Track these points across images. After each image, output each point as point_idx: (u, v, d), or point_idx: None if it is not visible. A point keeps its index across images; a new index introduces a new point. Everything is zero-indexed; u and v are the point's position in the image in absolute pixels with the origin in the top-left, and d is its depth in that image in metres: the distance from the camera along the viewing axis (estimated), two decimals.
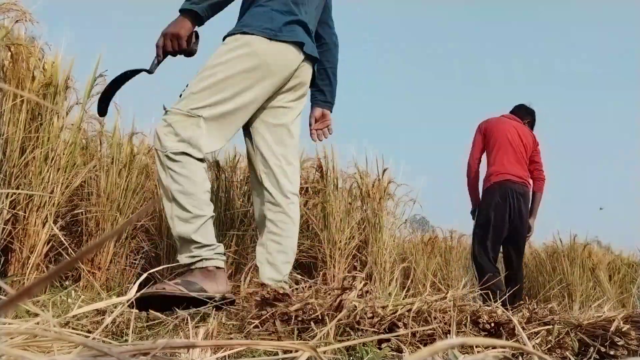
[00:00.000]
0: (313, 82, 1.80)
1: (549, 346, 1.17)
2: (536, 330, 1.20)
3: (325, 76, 1.93)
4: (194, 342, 0.41)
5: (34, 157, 1.95)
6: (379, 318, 1.13)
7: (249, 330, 1.12)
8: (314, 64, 1.75)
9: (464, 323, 1.20)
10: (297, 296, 1.19)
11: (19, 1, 1.99)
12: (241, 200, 2.60)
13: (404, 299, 1.29)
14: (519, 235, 3.23)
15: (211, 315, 1.33)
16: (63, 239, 1.99)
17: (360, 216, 3.13)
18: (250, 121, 1.69)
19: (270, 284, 1.41)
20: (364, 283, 1.20)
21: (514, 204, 3.14)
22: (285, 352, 0.71)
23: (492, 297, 2.32)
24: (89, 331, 1.07)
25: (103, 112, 1.68)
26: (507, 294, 2.17)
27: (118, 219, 2.31)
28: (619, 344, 1.21)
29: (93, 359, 0.41)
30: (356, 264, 3.01)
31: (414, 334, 1.11)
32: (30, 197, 1.86)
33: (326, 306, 1.15)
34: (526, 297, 4.48)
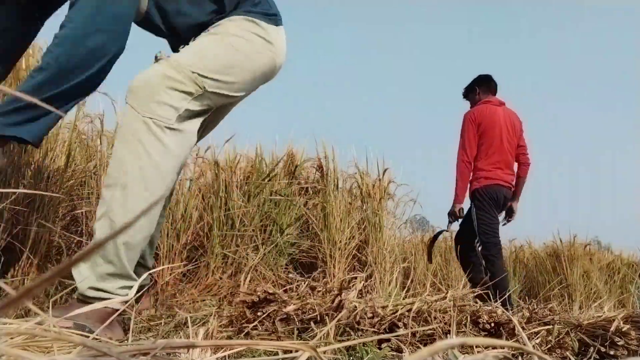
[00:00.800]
0: None
1: (549, 346, 1.17)
2: (536, 330, 1.20)
3: None
4: (194, 342, 0.41)
5: (33, 157, 1.95)
6: (379, 318, 1.13)
7: (249, 330, 1.12)
8: None
9: (464, 323, 1.20)
10: (291, 296, 1.19)
11: None
12: (241, 200, 2.59)
13: (404, 299, 1.29)
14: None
15: (211, 315, 1.33)
16: (63, 240, 1.99)
17: (361, 216, 3.12)
18: None
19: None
20: (363, 283, 1.20)
21: (500, 210, 3.16)
22: (285, 352, 0.71)
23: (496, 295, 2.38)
24: (89, 331, 1.07)
25: None
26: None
27: None
28: (619, 344, 1.21)
29: (93, 359, 0.41)
30: (356, 264, 3.00)
31: (414, 334, 1.11)
32: (30, 197, 1.86)
33: (326, 306, 1.15)
34: (526, 297, 4.49)
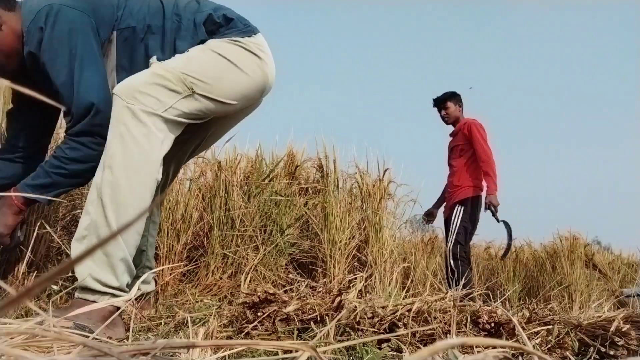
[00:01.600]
0: None
1: (549, 346, 1.17)
2: (536, 330, 1.20)
3: None
4: (194, 342, 0.41)
5: None
6: (379, 318, 1.13)
7: (249, 330, 1.12)
8: None
9: (464, 323, 1.20)
10: (291, 296, 1.19)
11: None
12: (241, 200, 2.59)
13: (404, 299, 1.29)
14: None
15: (211, 315, 1.33)
16: (63, 240, 1.99)
17: (361, 216, 3.12)
18: None
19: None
20: (363, 283, 1.20)
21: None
22: (285, 352, 0.71)
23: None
24: (89, 331, 1.07)
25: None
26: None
27: None
28: (619, 344, 1.21)
29: (93, 359, 0.41)
30: (356, 264, 3.00)
31: (414, 334, 1.11)
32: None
33: (326, 306, 1.15)
34: (526, 297, 4.49)
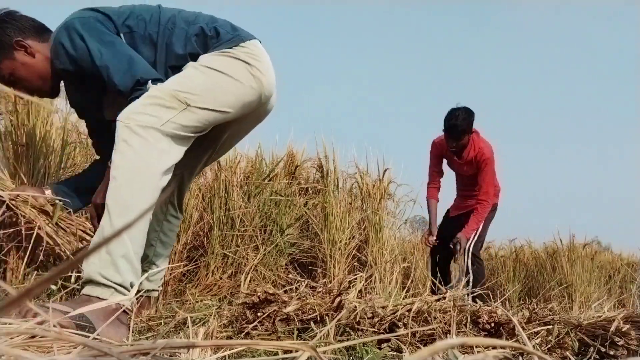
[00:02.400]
0: None
1: (549, 346, 1.17)
2: (536, 330, 1.20)
3: None
4: (194, 342, 0.41)
5: (33, 156, 1.94)
6: (379, 318, 1.13)
7: (249, 330, 1.12)
8: None
9: (464, 323, 1.20)
10: (291, 296, 1.19)
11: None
12: (241, 200, 2.59)
13: (404, 299, 1.29)
14: None
15: (211, 315, 1.33)
16: (63, 240, 1.99)
17: (361, 216, 3.12)
18: None
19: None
20: (364, 283, 1.20)
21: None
22: (285, 352, 0.71)
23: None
24: (91, 329, 1.07)
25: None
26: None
27: None
28: (619, 344, 1.21)
29: (93, 359, 0.41)
30: (356, 264, 3.00)
31: (414, 334, 1.11)
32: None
33: (326, 306, 1.15)
34: (526, 297, 4.49)
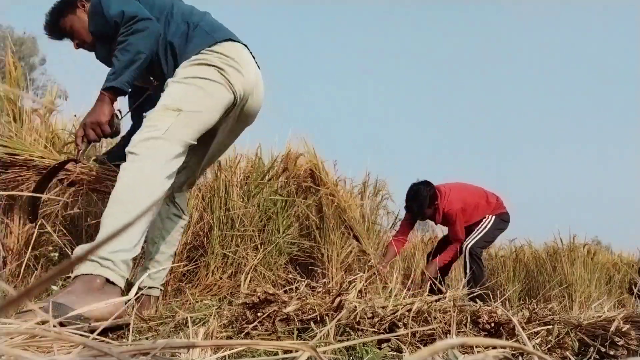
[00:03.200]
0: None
1: (549, 346, 1.17)
2: (536, 330, 1.20)
3: None
4: (194, 342, 0.41)
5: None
6: (379, 318, 1.13)
7: (249, 330, 1.12)
8: None
9: (464, 323, 1.20)
10: (291, 296, 1.19)
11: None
12: (241, 200, 2.59)
13: (404, 299, 1.29)
14: None
15: (211, 315, 1.33)
16: (62, 240, 1.99)
17: (360, 216, 3.12)
18: None
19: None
20: (363, 284, 1.19)
21: None
22: (285, 352, 0.71)
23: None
24: (91, 331, 1.07)
25: (34, 218, 1.65)
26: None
27: None
28: (619, 344, 1.21)
29: (93, 359, 0.41)
30: (355, 264, 3.00)
31: (414, 334, 1.11)
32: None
33: (326, 306, 1.15)
34: (526, 297, 4.49)
